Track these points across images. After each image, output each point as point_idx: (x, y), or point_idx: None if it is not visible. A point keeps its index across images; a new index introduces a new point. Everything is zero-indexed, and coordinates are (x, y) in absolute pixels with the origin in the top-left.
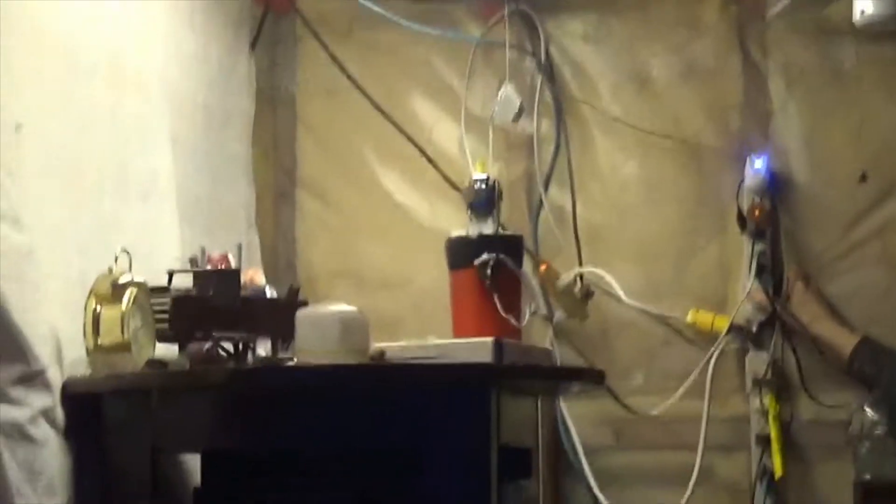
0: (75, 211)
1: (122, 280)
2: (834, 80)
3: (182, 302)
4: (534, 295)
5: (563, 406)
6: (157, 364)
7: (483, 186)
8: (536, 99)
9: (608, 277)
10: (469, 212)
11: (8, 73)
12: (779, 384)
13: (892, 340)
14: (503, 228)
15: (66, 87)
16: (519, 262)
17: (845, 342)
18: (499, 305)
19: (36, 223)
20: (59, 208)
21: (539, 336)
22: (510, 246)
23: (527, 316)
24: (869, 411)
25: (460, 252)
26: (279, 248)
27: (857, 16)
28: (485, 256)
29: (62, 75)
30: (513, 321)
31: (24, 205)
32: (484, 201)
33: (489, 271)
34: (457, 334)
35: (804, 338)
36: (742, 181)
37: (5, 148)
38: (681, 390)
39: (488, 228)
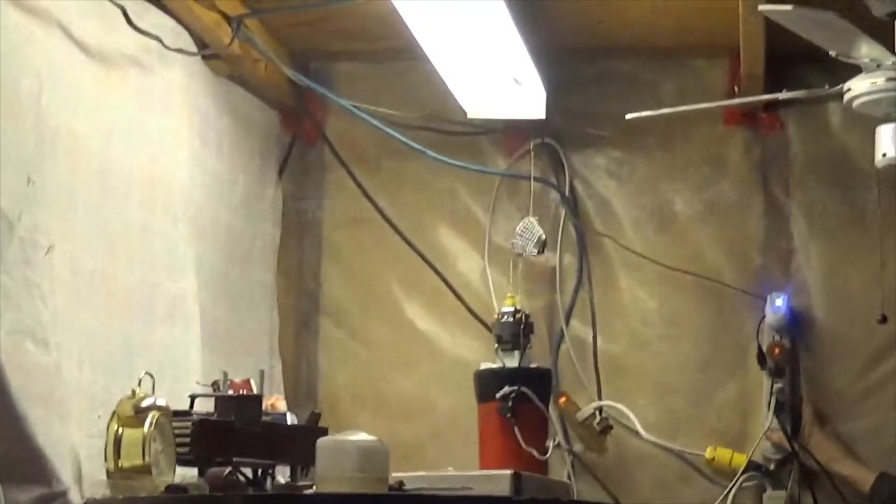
0: (102, 332)
1: (144, 403)
2: (855, 222)
3: (203, 426)
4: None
5: None
6: (177, 489)
7: (510, 319)
8: (560, 232)
9: (627, 412)
10: (496, 344)
11: (44, 194)
12: None
13: None
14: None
15: (98, 208)
16: (546, 396)
17: (864, 479)
18: (520, 438)
19: (63, 343)
20: (87, 329)
21: (558, 468)
22: (536, 379)
23: (550, 449)
24: None
25: (486, 384)
26: (301, 374)
27: (878, 158)
28: (506, 389)
29: (95, 196)
30: (535, 454)
31: (54, 325)
32: (510, 334)
33: (510, 404)
34: (483, 466)
35: (822, 478)
36: (762, 319)
37: (38, 269)
38: None
39: (514, 361)
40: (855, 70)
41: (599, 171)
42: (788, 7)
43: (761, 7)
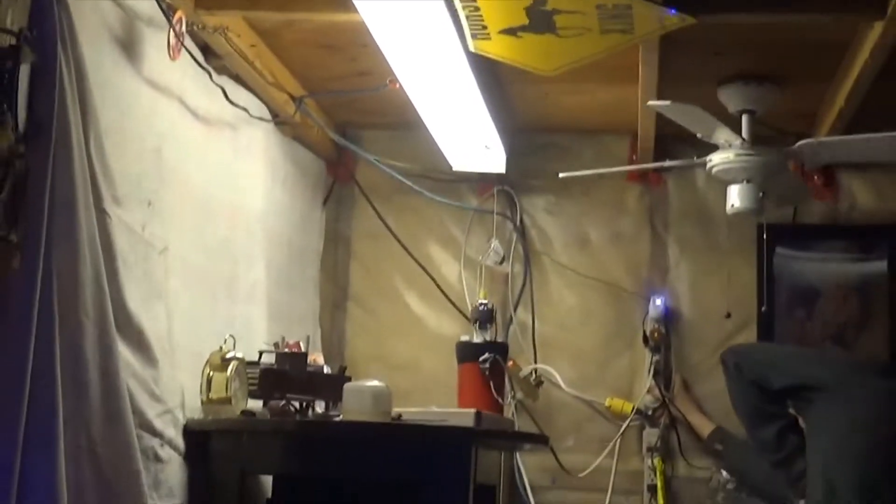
0: (200, 307)
1: (228, 355)
2: (711, 249)
3: (267, 373)
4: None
5: (519, 457)
6: (249, 414)
7: (486, 308)
8: (512, 250)
9: (553, 372)
10: (474, 324)
11: (161, 213)
12: (664, 451)
13: (738, 428)
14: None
15: (198, 222)
16: (505, 360)
17: (705, 428)
18: (493, 389)
19: (174, 314)
20: (190, 305)
21: (505, 409)
22: (501, 349)
23: (508, 397)
24: (723, 473)
25: (467, 351)
26: (333, 339)
27: (729, 207)
28: (486, 356)
29: (197, 214)
30: (500, 400)
31: (168, 301)
32: (484, 318)
33: (487, 365)
34: (461, 406)
35: (683, 421)
36: (647, 313)
37: (155, 263)
38: (602, 455)
39: (487, 336)
40: (714, 147)
41: (540, 209)
42: (667, 102)
43: (649, 103)
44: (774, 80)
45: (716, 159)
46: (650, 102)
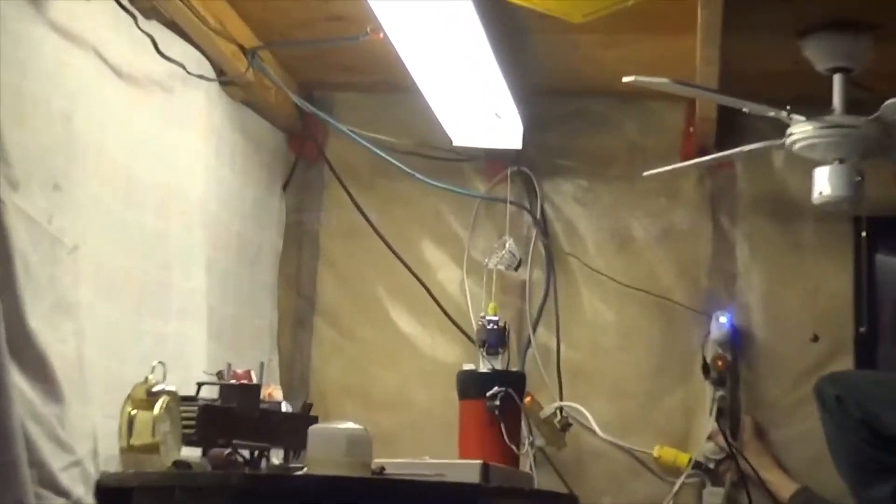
0: (121, 324)
1: (156, 388)
2: (793, 250)
3: (207, 411)
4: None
5: None
6: (183, 465)
7: (495, 327)
8: (531, 250)
9: (585, 412)
10: (481, 348)
11: (72, 200)
12: None
13: (830, 486)
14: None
15: (120, 213)
16: (521, 396)
17: (785, 489)
18: (504, 434)
19: (86, 332)
20: (109, 320)
21: (521, 459)
22: (515, 381)
23: (526, 444)
24: None
25: (472, 384)
26: (296, 367)
27: (815, 196)
28: (495, 389)
29: (120, 203)
30: (514, 448)
31: (77, 316)
32: (495, 340)
33: (498, 402)
34: (464, 456)
35: (755, 478)
36: (708, 334)
37: (62, 266)
38: None
39: (498, 364)
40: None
41: (567, 197)
42: (633, 77)
43: (624, 79)
44: (874, 29)
45: (797, 133)
46: (625, 78)
